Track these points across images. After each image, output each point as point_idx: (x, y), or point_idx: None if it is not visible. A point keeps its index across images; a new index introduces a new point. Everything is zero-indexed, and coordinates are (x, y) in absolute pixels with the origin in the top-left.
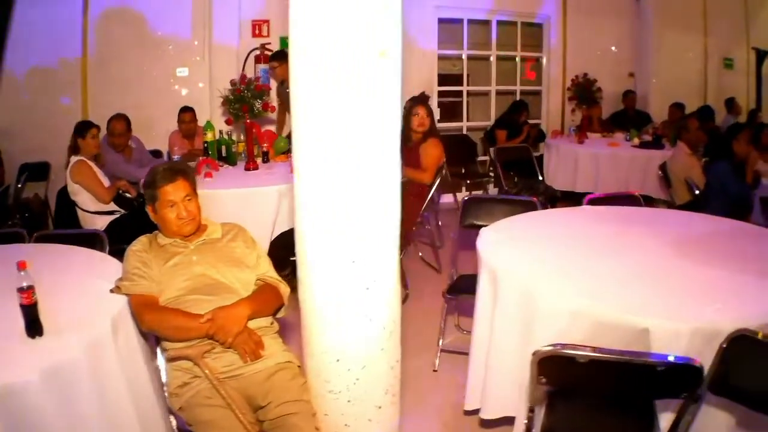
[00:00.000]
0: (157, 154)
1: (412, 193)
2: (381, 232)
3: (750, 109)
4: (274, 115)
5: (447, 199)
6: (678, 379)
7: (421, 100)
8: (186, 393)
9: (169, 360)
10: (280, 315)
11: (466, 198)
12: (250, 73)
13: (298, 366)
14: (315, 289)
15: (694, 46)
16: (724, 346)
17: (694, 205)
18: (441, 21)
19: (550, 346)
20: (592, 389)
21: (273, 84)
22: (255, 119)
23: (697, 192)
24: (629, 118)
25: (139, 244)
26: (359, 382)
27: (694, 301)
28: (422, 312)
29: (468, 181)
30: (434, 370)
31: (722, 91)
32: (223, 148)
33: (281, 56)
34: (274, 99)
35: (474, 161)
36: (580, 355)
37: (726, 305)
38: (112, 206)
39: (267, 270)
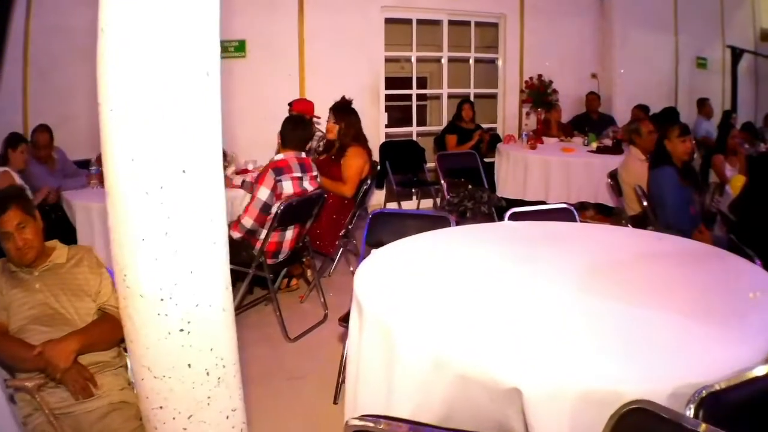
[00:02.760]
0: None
1: (334, 206)
2: (196, 264)
3: (724, 110)
4: None
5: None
6: None
7: (333, 107)
8: (30, 424)
9: (13, 389)
10: None
11: (373, 213)
12: None
13: None
14: (128, 329)
15: (664, 46)
16: (614, 421)
17: (645, 217)
18: (388, 21)
19: (357, 418)
20: None
21: None
22: None
23: (645, 203)
24: (592, 122)
25: None
26: None
27: (589, 354)
28: (339, 334)
29: (413, 189)
30: (334, 403)
31: (695, 91)
32: None
33: None
34: None
35: (422, 169)
36: None
37: (631, 360)
38: None
39: (109, 297)
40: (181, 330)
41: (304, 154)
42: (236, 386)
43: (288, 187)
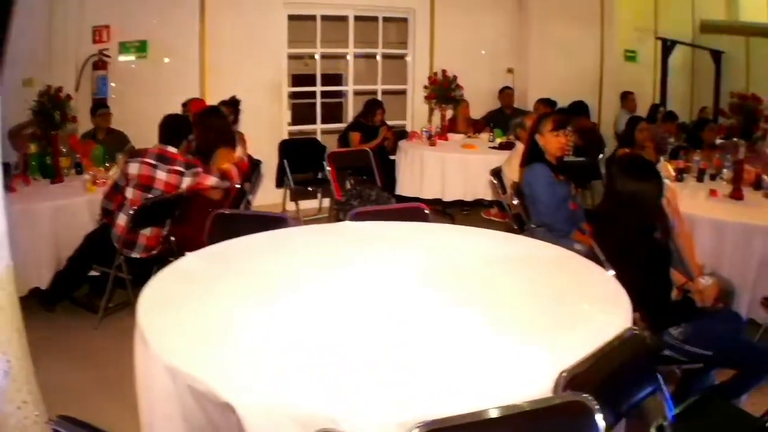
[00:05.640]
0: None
1: (203, 208)
2: None
3: (652, 104)
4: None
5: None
6: None
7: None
8: None
9: None
10: None
11: (214, 214)
12: (87, 81)
13: None
14: None
15: (588, 38)
16: None
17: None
18: (291, 18)
19: (50, 418)
20: None
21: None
22: (57, 131)
23: (515, 201)
24: (506, 117)
25: None
26: None
27: (317, 375)
28: None
29: (309, 189)
30: None
31: (623, 85)
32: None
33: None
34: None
35: (323, 167)
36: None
37: (366, 386)
38: None
39: None
40: None
41: (175, 150)
42: (23, 381)
43: (134, 169)
